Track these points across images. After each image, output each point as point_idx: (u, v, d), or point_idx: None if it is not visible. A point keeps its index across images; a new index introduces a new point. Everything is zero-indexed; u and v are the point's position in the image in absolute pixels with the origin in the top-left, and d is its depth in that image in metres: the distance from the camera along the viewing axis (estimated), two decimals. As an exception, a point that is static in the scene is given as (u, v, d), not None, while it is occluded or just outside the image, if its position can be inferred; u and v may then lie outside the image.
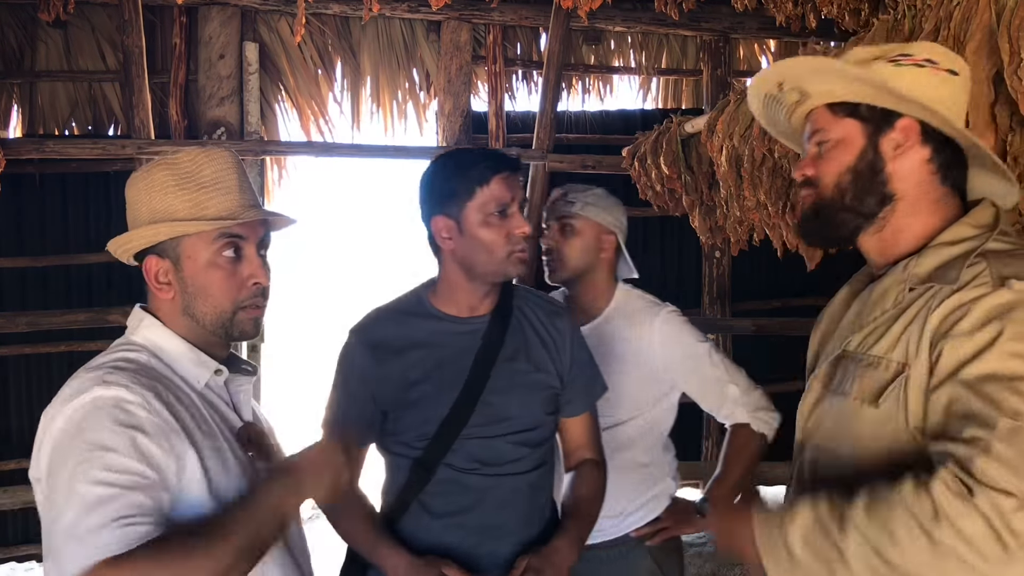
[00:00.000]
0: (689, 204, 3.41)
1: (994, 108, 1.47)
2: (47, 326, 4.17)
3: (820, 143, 1.22)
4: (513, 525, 1.57)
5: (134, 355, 1.20)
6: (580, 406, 1.70)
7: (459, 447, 1.55)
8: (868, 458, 1.12)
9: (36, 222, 4.31)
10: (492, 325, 1.60)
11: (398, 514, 1.58)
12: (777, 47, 5.18)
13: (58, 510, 1.04)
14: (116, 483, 1.04)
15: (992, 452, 0.95)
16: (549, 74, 4.59)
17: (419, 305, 1.64)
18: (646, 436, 2.03)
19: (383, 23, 4.64)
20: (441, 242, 1.57)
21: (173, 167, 1.23)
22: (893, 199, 1.18)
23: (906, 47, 1.19)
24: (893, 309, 1.15)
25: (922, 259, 1.15)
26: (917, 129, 1.16)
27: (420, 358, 1.58)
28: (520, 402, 1.59)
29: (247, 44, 4.34)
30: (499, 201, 1.51)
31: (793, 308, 4.98)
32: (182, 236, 1.22)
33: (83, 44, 4.38)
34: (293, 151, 4.45)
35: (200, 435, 1.19)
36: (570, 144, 4.84)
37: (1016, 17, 1.38)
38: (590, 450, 1.73)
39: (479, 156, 1.55)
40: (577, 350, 1.69)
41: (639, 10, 4.71)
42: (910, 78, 1.15)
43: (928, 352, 1.06)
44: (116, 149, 4.08)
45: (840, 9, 3.06)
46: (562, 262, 2.05)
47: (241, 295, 1.25)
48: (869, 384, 1.13)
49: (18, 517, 4.16)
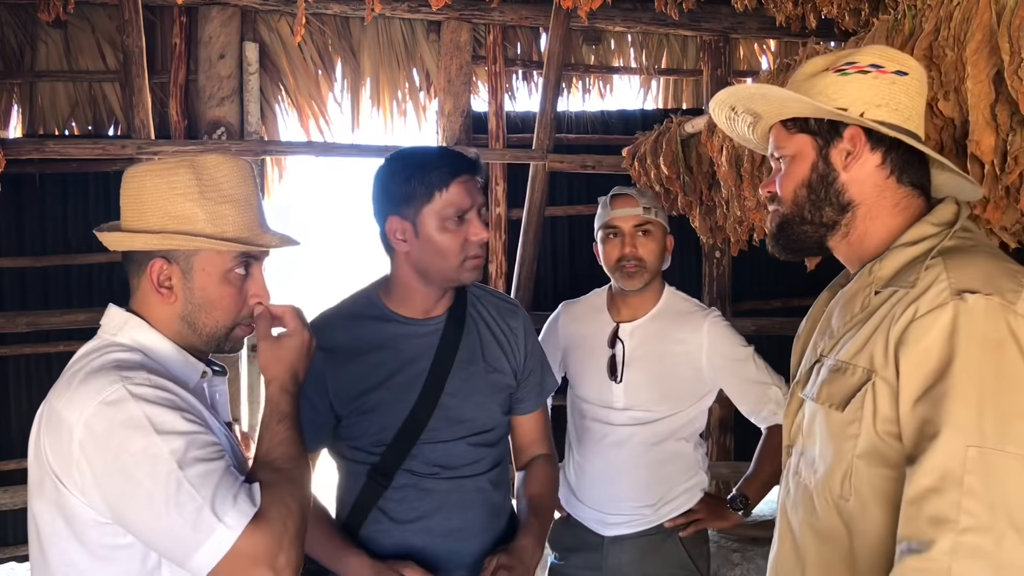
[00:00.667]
0: (687, 204, 3.41)
1: (994, 108, 1.47)
2: (47, 326, 4.17)
3: (779, 159, 1.26)
4: (477, 525, 1.57)
5: (129, 355, 1.17)
6: (532, 404, 1.70)
7: (418, 452, 1.53)
8: (837, 459, 1.13)
9: (36, 222, 4.30)
10: (448, 327, 1.58)
11: (358, 521, 1.56)
12: (777, 47, 5.17)
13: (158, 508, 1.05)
14: (214, 456, 1.09)
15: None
16: (549, 74, 4.60)
17: (371, 307, 1.60)
18: (684, 430, 2.09)
19: (383, 23, 4.64)
20: (395, 243, 1.53)
21: (198, 171, 1.21)
22: (852, 206, 1.20)
23: (854, 54, 1.20)
24: (861, 313, 1.16)
25: (884, 261, 1.16)
26: (863, 136, 1.17)
27: (375, 363, 1.55)
28: (478, 404, 1.58)
29: (247, 44, 4.34)
30: (458, 207, 1.48)
31: (793, 308, 4.97)
32: (199, 249, 1.21)
33: (83, 44, 4.37)
34: (293, 151, 4.45)
35: (212, 424, 1.20)
36: (570, 144, 4.84)
37: (1016, 17, 1.38)
38: (541, 445, 1.73)
39: (438, 158, 1.50)
40: (531, 348, 1.69)
41: (639, 10, 4.71)
42: (853, 86, 1.17)
43: (894, 364, 1.06)
44: (116, 149, 4.08)
45: (840, 9, 3.07)
46: (646, 268, 2.05)
47: (243, 312, 1.26)
48: (837, 389, 1.13)
49: (18, 517, 4.16)
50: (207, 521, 1.05)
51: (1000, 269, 1.06)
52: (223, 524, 1.05)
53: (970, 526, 0.94)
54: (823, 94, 1.19)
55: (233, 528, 1.05)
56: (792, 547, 1.22)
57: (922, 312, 1.04)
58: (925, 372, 1.02)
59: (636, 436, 2.06)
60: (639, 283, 2.05)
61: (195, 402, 1.20)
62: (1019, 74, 1.37)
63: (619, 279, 2.07)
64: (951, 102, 1.55)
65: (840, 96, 1.17)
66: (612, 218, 2.07)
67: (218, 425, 1.25)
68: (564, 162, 4.62)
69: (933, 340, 1.02)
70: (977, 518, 0.94)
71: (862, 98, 1.17)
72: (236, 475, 1.12)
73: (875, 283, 1.15)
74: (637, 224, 2.05)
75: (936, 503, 0.96)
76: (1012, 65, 1.38)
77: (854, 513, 1.11)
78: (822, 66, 1.22)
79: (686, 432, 2.10)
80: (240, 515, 1.06)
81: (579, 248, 4.93)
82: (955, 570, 0.93)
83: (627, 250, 2.03)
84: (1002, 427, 0.96)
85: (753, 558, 4.27)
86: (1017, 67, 1.37)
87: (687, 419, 2.09)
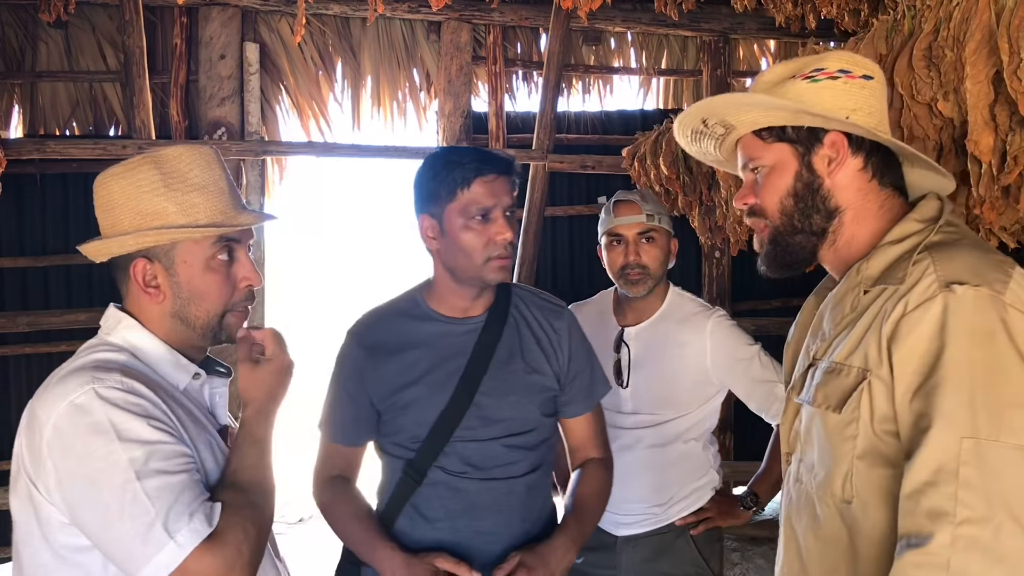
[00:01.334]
0: (687, 204, 3.41)
1: (994, 108, 1.47)
2: (48, 326, 4.17)
3: (755, 170, 1.24)
4: (508, 529, 1.56)
5: (113, 355, 1.18)
6: (581, 407, 1.68)
7: (451, 450, 1.53)
8: (837, 462, 1.12)
9: (37, 222, 4.31)
10: (487, 326, 1.59)
11: (392, 516, 1.58)
12: (777, 47, 5.18)
13: (112, 517, 1.04)
14: (176, 469, 1.08)
15: None
16: (549, 74, 4.60)
17: (415, 306, 1.63)
18: (693, 431, 2.09)
19: (383, 23, 4.64)
20: (427, 242, 1.56)
21: (159, 165, 1.20)
22: (838, 212, 1.20)
23: (820, 60, 1.20)
24: (851, 313, 1.16)
25: (871, 260, 1.16)
26: (845, 141, 1.18)
27: (415, 359, 1.57)
28: (514, 404, 1.57)
29: (248, 44, 4.34)
30: (480, 205, 1.48)
31: (793, 308, 4.94)
32: (175, 241, 1.20)
33: (84, 44, 4.38)
34: (293, 151, 4.45)
35: (194, 431, 1.19)
36: (570, 144, 4.85)
37: (1016, 17, 1.38)
38: (595, 449, 1.71)
39: (466, 157, 1.51)
40: (576, 350, 1.67)
41: (639, 10, 4.72)
42: (828, 93, 1.17)
43: (888, 361, 1.06)
44: (117, 149, 4.08)
45: (840, 9, 3.07)
46: (650, 275, 2.06)
47: (235, 298, 1.25)
48: (833, 390, 1.13)
49: (19, 517, 4.16)
50: (157, 536, 1.04)
51: (987, 260, 1.06)
52: (173, 541, 1.04)
53: (967, 518, 0.94)
54: (797, 101, 1.18)
55: (183, 547, 1.04)
56: (796, 555, 1.21)
57: (912, 306, 1.05)
58: (917, 366, 1.02)
59: (644, 439, 2.06)
60: (643, 290, 2.06)
61: (182, 406, 1.20)
62: (1018, 74, 1.37)
63: (623, 286, 2.08)
64: (950, 102, 1.55)
65: (817, 103, 1.17)
66: (615, 226, 2.07)
67: (208, 432, 1.24)
68: (564, 162, 4.63)
69: (924, 333, 1.03)
70: (974, 510, 0.94)
71: (838, 103, 1.17)
72: (199, 491, 1.10)
73: (863, 282, 1.15)
74: (641, 232, 2.05)
75: (933, 497, 0.96)
76: (1011, 65, 1.38)
77: (856, 515, 1.10)
78: (785, 74, 1.22)
79: (695, 433, 2.10)
80: (192, 534, 1.05)
81: (579, 248, 4.94)
82: (954, 563, 0.93)
83: (631, 258, 2.04)
84: (996, 417, 0.97)
85: (752, 558, 4.28)
86: (1016, 67, 1.37)
87: (695, 420, 2.09)
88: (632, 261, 2.04)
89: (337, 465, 1.64)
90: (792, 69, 1.22)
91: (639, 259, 2.04)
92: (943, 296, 1.02)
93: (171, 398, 1.19)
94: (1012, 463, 0.95)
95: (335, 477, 1.63)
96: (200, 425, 1.23)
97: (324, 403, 1.66)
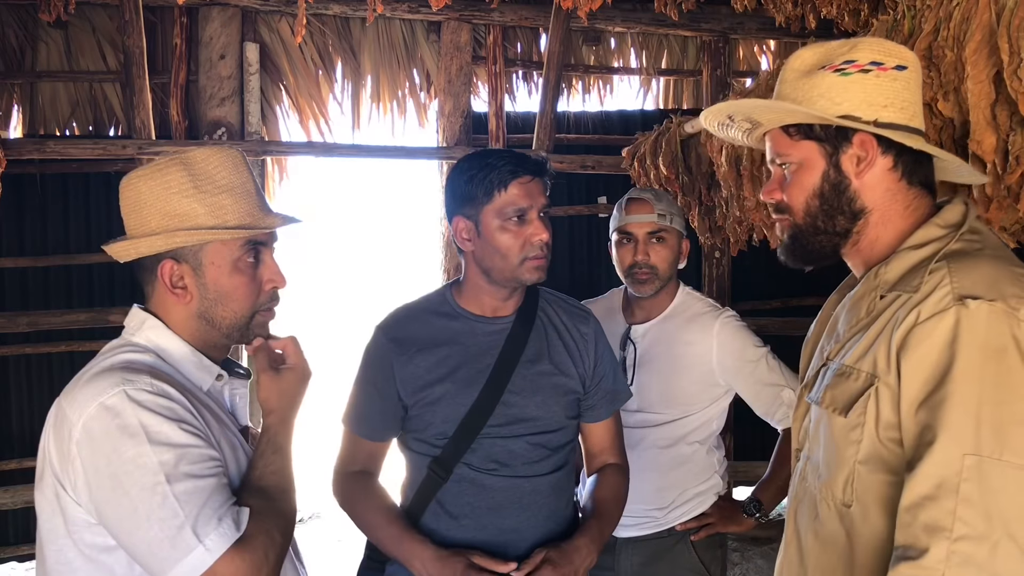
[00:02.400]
0: (686, 204, 3.41)
1: (994, 108, 1.47)
2: (48, 326, 4.16)
3: (783, 165, 1.22)
4: (532, 528, 1.56)
5: (139, 357, 1.18)
6: (603, 412, 1.69)
7: (477, 447, 1.54)
8: (840, 464, 1.12)
9: (37, 222, 4.31)
10: (516, 326, 1.60)
11: (417, 513, 1.58)
12: (777, 47, 5.18)
13: (140, 519, 1.05)
14: (205, 473, 1.09)
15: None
16: (549, 74, 4.60)
17: (444, 304, 1.64)
18: (698, 433, 2.06)
19: (383, 23, 4.64)
20: (461, 243, 1.58)
21: (188, 167, 1.21)
22: (864, 213, 1.17)
23: (852, 51, 1.16)
24: (866, 318, 1.14)
25: (890, 265, 1.14)
26: (874, 140, 1.14)
27: (443, 356, 1.58)
28: (540, 404, 1.58)
29: (248, 44, 4.34)
30: (517, 206, 1.50)
31: (793, 308, 4.98)
32: (204, 242, 1.21)
33: (84, 44, 4.38)
34: (294, 151, 4.45)
35: (219, 432, 1.20)
36: (570, 144, 4.85)
37: (1016, 17, 1.38)
38: (613, 455, 1.73)
39: (502, 159, 1.53)
40: (602, 355, 1.68)
41: (639, 10, 4.72)
42: (858, 88, 1.14)
43: (896, 369, 1.05)
44: (117, 149, 4.08)
45: (840, 9, 3.07)
46: (658, 275, 2.04)
47: (261, 299, 1.26)
48: (841, 393, 1.12)
49: (19, 516, 4.15)
50: (187, 540, 1.05)
51: (1006, 274, 1.04)
52: (202, 545, 1.05)
53: (965, 535, 0.93)
54: (825, 97, 1.15)
55: (212, 551, 1.05)
56: (797, 552, 1.22)
57: (924, 317, 1.03)
58: (925, 378, 1.01)
59: (647, 438, 2.04)
60: (650, 290, 2.04)
61: (207, 407, 1.21)
62: (1019, 74, 1.37)
63: (631, 285, 2.07)
64: (951, 102, 1.55)
65: (844, 99, 1.14)
66: (626, 224, 2.05)
67: (231, 432, 1.25)
68: (564, 162, 4.62)
69: (934, 346, 1.01)
70: (972, 527, 0.93)
71: (867, 100, 1.13)
72: (227, 495, 1.11)
73: (880, 287, 1.14)
74: (651, 231, 2.03)
75: (931, 511, 0.96)
76: (1012, 65, 1.38)
77: (855, 519, 1.10)
78: (814, 62, 1.18)
79: (700, 435, 2.07)
80: (221, 538, 1.06)
81: (579, 248, 4.94)
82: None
83: (639, 257, 2.02)
84: (1000, 435, 0.95)
85: (752, 558, 4.28)
86: (1016, 67, 1.37)
87: (701, 422, 2.06)
88: (640, 260, 2.02)
89: (360, 460, 1.64)
90: (822, 56, 1.18)
91: (647, 259, 2.02)
92: (956, 309, 1.01)
93: (196, 399, 1.20)
94: (1014, 482, 0.94)
95: (357, 472, 1.63)
96: (224, 425, 1.24)
97: (349, 397, 1.65)
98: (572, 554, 1.49)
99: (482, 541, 1.53)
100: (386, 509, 1.57)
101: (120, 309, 4.07)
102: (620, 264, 2.08)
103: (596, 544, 1.55)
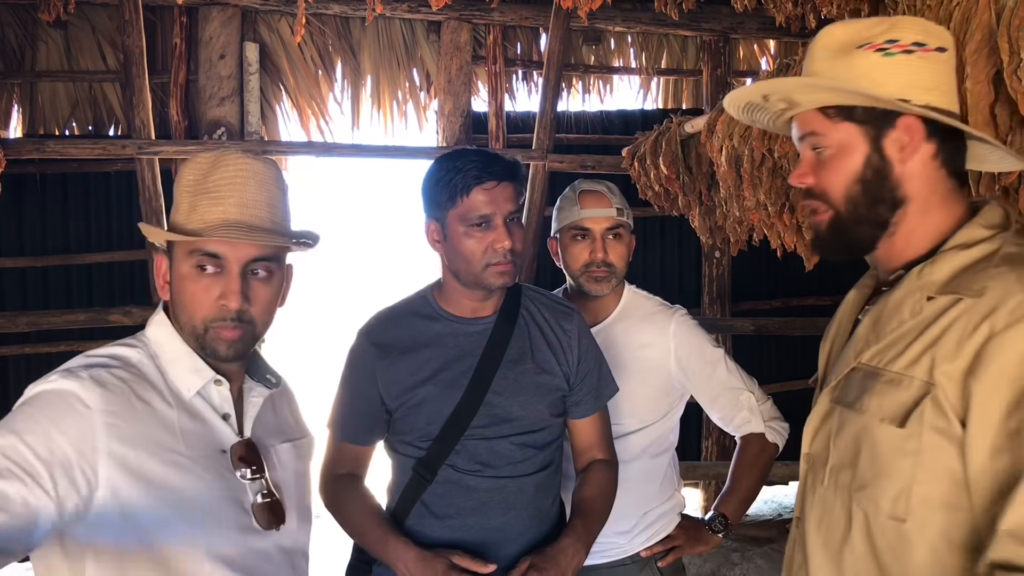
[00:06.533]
0: (687, 204, 3.41)
1: (994, 108, 1.47)
2: (47, 326, 4.17)
3: (816, 148, 1.13)
4: (518, 528, 1.56)
5: (127, 351, 1.17)
6: (589, 407, 1.68)
7: (461, 448, 1.54)
8: (891, 476, 1.05)
9: (37, 222, 4.31)
10: (497, 326, 1.60)
11: (403, 515, 1.58)
12: (777, 47, 5.18)
13: None
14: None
15: None
16: (549, 74, 4.60)
17: (425, 305, 1.64)
18: (657, 445, 1.92)
19: (383, 23, 4.65)
20: (432, 244, 1.58)
21: (199, 166, 1.19)
22: (904, 203, 1.09)
23: (893, 29, 1.07)
24: (912, 320, 1.06)
25: (936, 265, 1.06)
26: (920, 125, 1.07)
27: (426, 359, 1.57)
28: (524, 404, 1.57)
29: (247, 44, 4.35)
30: (480, 212, 1.47)
31: (793, 308, 4.98)
32: (163, 240, 1.19)
33: (83, 44, 4.38)
34: (293, 151, 4.45)
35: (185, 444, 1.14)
36: (570, 144, 4.85)
37: (1016, 17, 1.38)
38: (600, 451, 1.71)
39: (468, 163, 1.49)
40: (586, 351, 1.67)
41: (639, 10, 4.72)
42: (905, 70, 1.06)
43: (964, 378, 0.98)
44: (116, 149, 4.08)
45: (840, 9, 3.07)
46: (615, 273, 1.89)
47: (209, 313, 1.16)
48: (891, 403, 1.04)
49: (18, 517, 4.16)
50: None
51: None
52: None
53: None
54: (868, 77, 1.06)
55: None
56: (803, 556, 1.16)
57: (1000, 328, 0.96)
58: (1010, 389, 0.94)
59: None
60: (607, 289, 1.89)
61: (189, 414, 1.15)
62: (1018, 74, 1.37)
63: (585, 283, 1.89)
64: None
65: (889, 81, 1.05)
66: (583, 219, 1.87)
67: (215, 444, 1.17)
68: (564, 162, 4.63)
69: (1016, 359, 0.94)
70: None
71: (913, 83, 1.05)
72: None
73: (926, 288, 1.06)
74: (609, 227, 1.87)
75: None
76: (1012, 65, 1.38)
77: (911, 533, 1.03)
78: (848, 41, 1.10)
79: (659, 447, 1.92)
80: None
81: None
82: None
83: (598, 255, 1.86)
84: None
85: (752, 558, 4.28)
86: (1016, 67, 1.37)
87: (660, 432, 1.92)
88: (599, 258, 1.85)
89: (345, 464, 1.64)
90: (855, 35, 1.09)
91: (606, 257, 1.86)
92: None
93: (168, 405, 1.15)
94: None
95: (343, 475, 1.64)
96: (204, 438, 1.17)
97: (333, 402, 1.65)
98: (558, 556, 1.47)
99: (468, 542, 1.53)
100: (371, 512, 1.57)
101: (119, 309, 4.06)
102: (573, 262, 1.90)
103: (583, 543, 1.53)
